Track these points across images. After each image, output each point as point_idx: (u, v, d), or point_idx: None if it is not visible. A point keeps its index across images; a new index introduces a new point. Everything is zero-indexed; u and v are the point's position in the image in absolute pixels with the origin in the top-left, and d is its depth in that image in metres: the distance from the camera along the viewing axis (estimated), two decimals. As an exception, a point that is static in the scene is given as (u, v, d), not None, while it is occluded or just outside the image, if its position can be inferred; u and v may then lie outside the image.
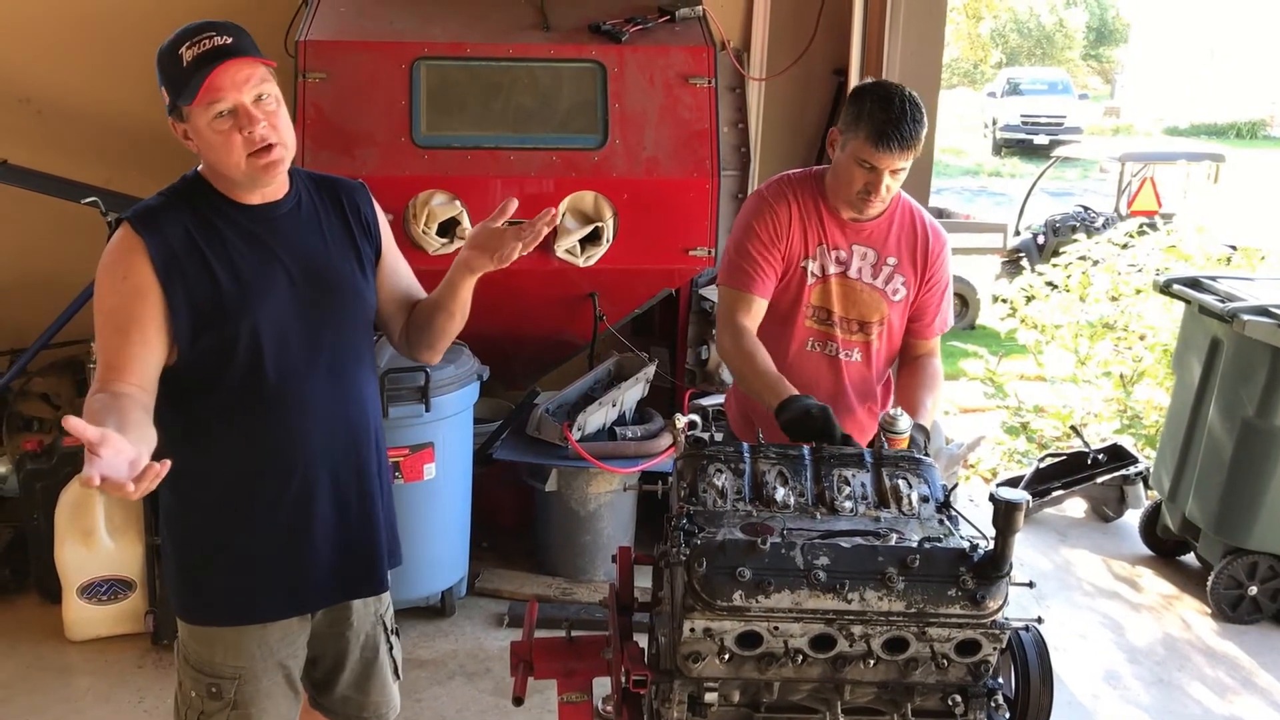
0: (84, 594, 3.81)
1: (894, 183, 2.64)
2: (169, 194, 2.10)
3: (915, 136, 2.56)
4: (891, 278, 2.78)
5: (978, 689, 1.87)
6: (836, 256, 2.76)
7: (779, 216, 2.74)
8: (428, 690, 3.64)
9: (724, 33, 4.39)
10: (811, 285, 2.77)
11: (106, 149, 4.58)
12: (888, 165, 2.58)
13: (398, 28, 3.99)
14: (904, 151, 2.56)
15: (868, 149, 2.57)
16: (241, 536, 2.14)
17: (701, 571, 1.78)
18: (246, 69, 1.99)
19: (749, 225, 2.77)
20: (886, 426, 2.41)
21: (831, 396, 2.79)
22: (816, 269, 2.76)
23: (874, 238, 2.77)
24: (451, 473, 3.91)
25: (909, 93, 2.61)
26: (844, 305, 2.79)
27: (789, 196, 2.76)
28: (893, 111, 2.56)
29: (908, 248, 2.79)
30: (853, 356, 2.84)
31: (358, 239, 2.24)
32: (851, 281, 2.77)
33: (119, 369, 1.95)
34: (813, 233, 2.75)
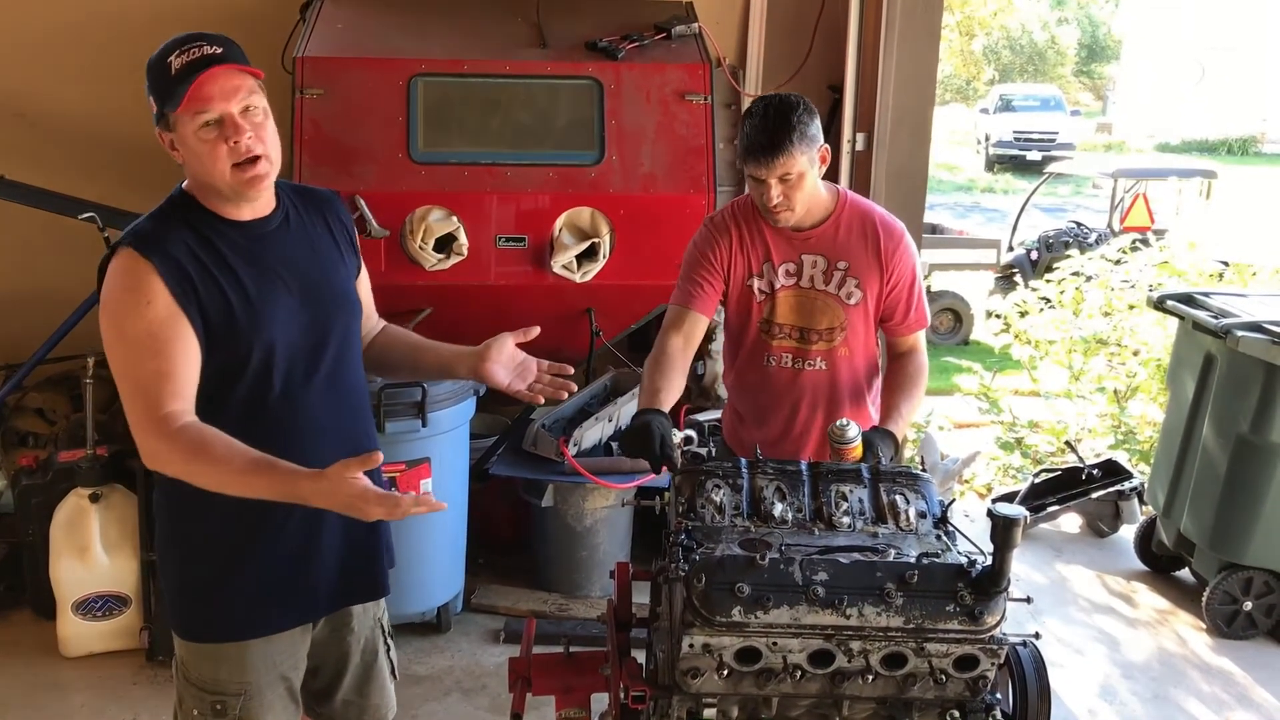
0: (79, 610, 3.79)
1: (789, 188, 2.63)
2: (161, 215, 2.08)
3: (779, 143, 2.56)
4: (844, 282, 2.78)
5: (976, 704, 1.88)
6: (785, 269, 2.79)
7: (718, 240, 2.80)
8: (423, 707, 3.63)
9: (720, 49, 4.41)
10: (761, 302, 2.81)
11: (102, 164, 4.58)
12: (764, 174, 2.60)
13: (395, 44, 4.01)
14: (772, 159, 2.57)
15: (742, 163, 2.66)
16: (251, 553, 2.13)
17: (700, 587, 1.78)
18: (235, 79, 2.00)
19: (692, 248, 2.86)
20: (835, 438, 2.43)
21: (804, 407, 2.86)
22: (764, 285, 2.80)
23: (821, 244, 2.78)
24: (448, 488, 3.90)
25: (779, 100, 2.61)
26: (799, 316, 2.81)
27: (732, 220, 2.82)
28: (754, 121, 2.60)
29: (859, 249, 2.79)
30: (816, 365, 2.85)
31: (343, 249, 2.27)
32: (805, 290, 2.79)
33: (176, 393, 1.95)
34: (756, 251, 2.79)
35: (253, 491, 1.91)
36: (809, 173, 2.63)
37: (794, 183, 2.62)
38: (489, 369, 2.24)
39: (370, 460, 1.82)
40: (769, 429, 2.90)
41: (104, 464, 3.81)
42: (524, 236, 3.93)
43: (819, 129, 2.64)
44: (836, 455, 2.50)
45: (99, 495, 3.77)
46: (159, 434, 1.93)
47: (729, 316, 2.90)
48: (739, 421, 3.00)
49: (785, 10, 4.79)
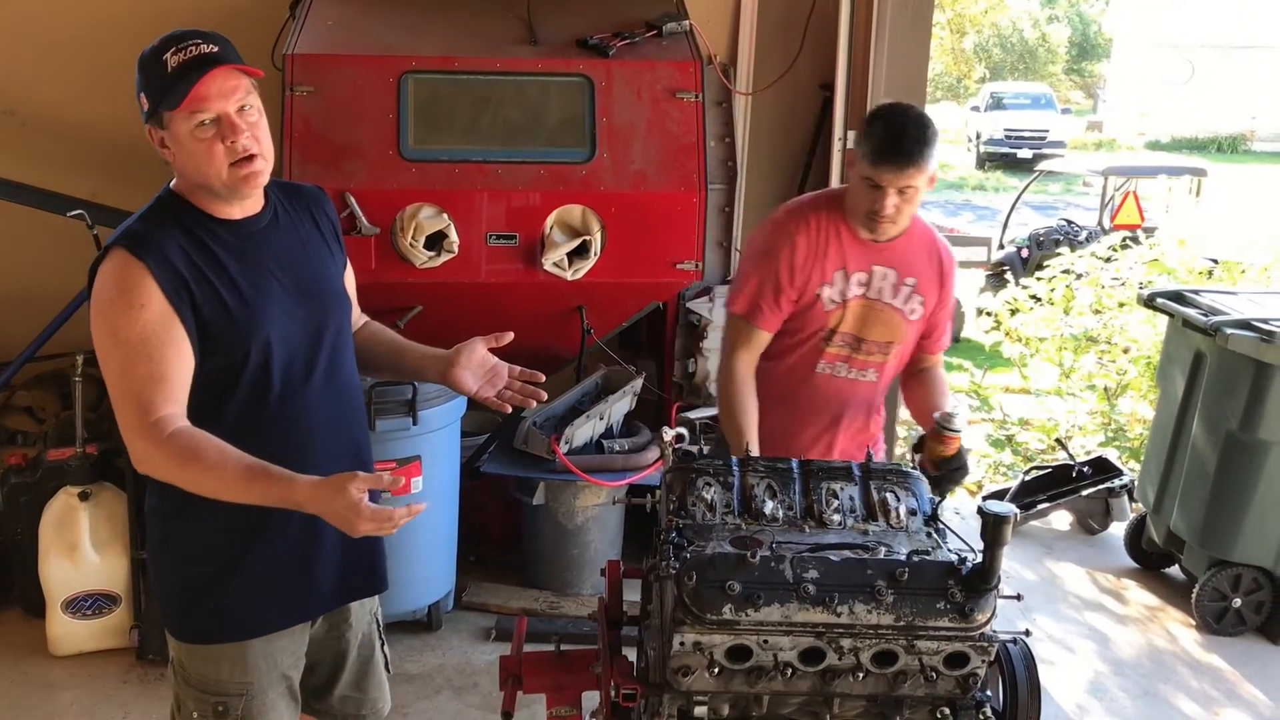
0: (68, 609, 3.78)
1: (903, 201, 2.61)
2: (152, 215, 2.06)
3: (916, 154, 2.55)
4: (910, 298, 2.78)
5: (966, 701, 1.88)
6: (858, 279, 2.75)
7: (796, 248, 2.73)
8: (415, 705, 3.63)
9: (711, 47, 4.41)
10: (831, 311, 2.76)
11: (92, 161, 4.56)
12: (891, 183, 2.57)
13: (385, 41, 3.99)
14: (904, 169, 2.55)
15: (869, 166, 2.59)
16: (253, 552, 2.12)
17: (691, 585, 1.78)
18: (233, 79, 1.99)
19: (764, 258, 2.76)
20: (944, 425, 2.54)
21: (837, 416, 2.85)
22: (835, 294, 2.75)
23: (894, 257, 2.76)
24: (439, 486, 3.90)
25: (917, 112, 2.62)
26: (864, 327, 2.78)
27: (807, 226, 2.74)
28: (893, 128, 2.57)
29: (926, 267, 2.80)
30: (867, 376, 2.84)
31: (331, 244, 2.27)
32: (872, 302, 2.77)
33: (169, 397, 1.95)
34: (831, 259, 2.73)
35: (246, 497, 1.91)
36: (923, 191, 2.63)
37: (910, 197, 2.61)
38: (457, 375, 2.24)
39: (383, 480, 1.84)
40: (801, 436, 2.87)
41: (93, 462, 3.79)
42: (515, 234, 3.92)
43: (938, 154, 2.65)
44: (937, 444, 2.62)
45: (88, 493, 3.76)
46: (151, 439, 1.92)
47: (785, 324, 2.82)
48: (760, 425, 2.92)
49: (776, 8, 4.79)
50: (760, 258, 2.77)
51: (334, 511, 1.84)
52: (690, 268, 4.05)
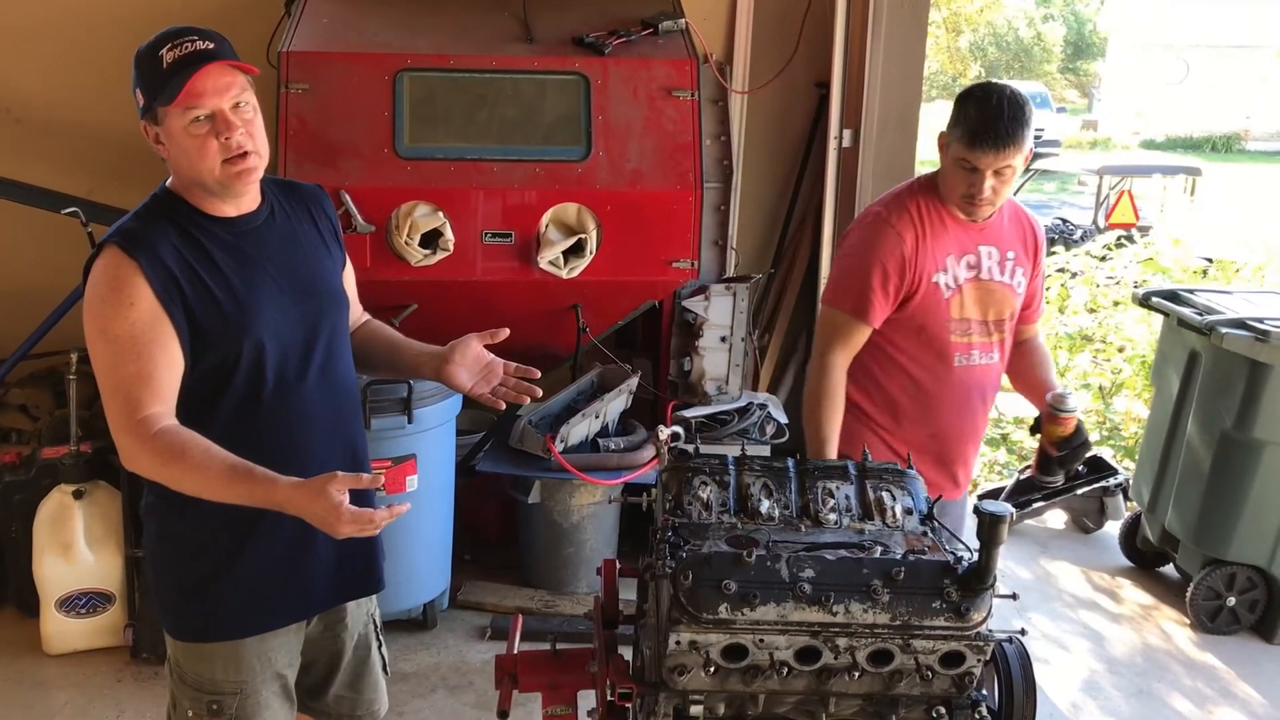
0: (62, 607, 3.77)
1: (1000, 183, 2.60)
2: (147, 213, 2.06)
3: (1013, 134, 2.52)
4: (1014, 271, 2.78)
5: (962, 701, 1.88)
6: (967, 262, 2.73)
7: (903, 241, 2.68)
8: (409, 704, 3.63)
9: (707, 46, 4.41)
10: (949, 298, 2.73)
11: (87, 159, 4.55)
12: (987, 165, 2.55)
13: (381, 39, 3.99)
14: (1001, 150, 2.53)
15: (964, 149, 2.56)
16: (247, 551, 2.12)
17: (687, 584, 1.77)
18: (228, 76, 1.99)
19: (871, 251, 2.70)
20: (1057, 406, 2.58)
21: (979, 401, 2.84)
22: (950, 280, 2.72)
23: (994, 235, 2.76)
24: (434, 485, 3.90)
25: (1011, 91, 2.58)
26: (981, 309, 2.77)
27: (912, 217, 2.70)
28: (989, 109, 2.53)
29: (1020, 239, 2.81)
30: (993, 358, 2.83)
31: (329, 243, 2.26)
32: (985, 283, 2.75)
33: (156, 395, 1.95)
34: (940, 246, 2.71)
35: (230, 497, 1.91)
36: (1019, 171, 2.61)
37: (1007, 177, 2.59)
38: (451, 371, 2.23)
39: (362, 480, 1.83)
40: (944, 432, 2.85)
41: (87, 460, 3.79)
42: (510, 232, 3.92)
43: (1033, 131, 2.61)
44: (1055, 426, 2.67)
45: (82, 492, 3.76)
46: (137, 437, 1.93)
47: (908, 318, 2.76)
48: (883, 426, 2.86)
49: (772, 6, 4.79)
50: (865, 252, 2.72)
51: (314, 514, 1.84)
52: (686, 266, 4.05)
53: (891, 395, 2.84)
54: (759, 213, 5.01)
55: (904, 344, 2.78)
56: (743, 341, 4.35)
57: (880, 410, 2.85)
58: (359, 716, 2.42)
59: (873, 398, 2.85)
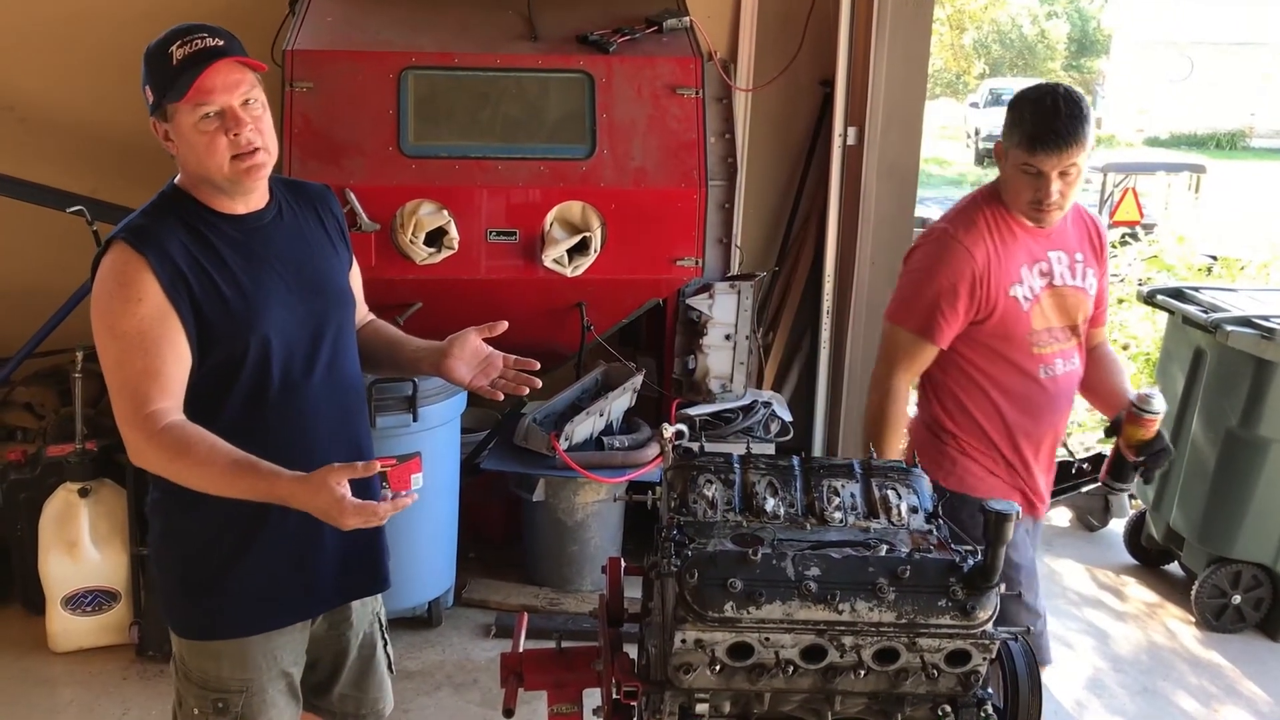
0: (68, 605, 3.78)
1: (1066, 185, 2.51)
2: (154, 210, 2.07)
3: (1073, 132, 2.44)
4: (1085, 273, 2.71)
5: (968, 699, 1.87)
6: (1039, 269, 2.65)
7: (975, 259, 2.58)
8: (414, 701, 3.63)
9: (711, 43, 4.40)
10: (1029, 310, 2.64)
11: (91, 157, 4.56)
12: (1050, 167, 2.47)
13: (385, 37, 3.99)
14: (1064, 150, 2.45)
15: (1025, 154, 2.49)
16: (253, 550, 2.12)
17: (693, 583, 1.77)
18: (237, 72, 2.00)
19: (940, 272, 2.61)
20: (1143, 407, 2.49)
21: (1064, 413, 2.76)
22: (1027, 291, 2.63)
23: (1061, 238, 2.69)
24: (439, 482, 3.90)
25: (1065, 89, 2.50)
26: (1059, 315, 2.69)
27: (982, 231, 2.61)
28: (1045, 109, 2.46)
29: (1085, 239, 2.74)
30: (1074, 364, 2.75)
31: (336, 242, 2.27)
32: (1059, 289, 2.67)
33: (163, 391, 1.95)
34: (1013, 257, 2.61)
35: (235, 492, 1.92)
36: (1084, 170, 2.52)
37: (1073, 178, 2.50)
38: (449, 365, 2.24)
39: (358, 469, 1.83)
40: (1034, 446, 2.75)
41: (93, 458, 3.79)
42: (515, 230, 3.92)
43: None
44: (1136, 428, 2.60)
45: (88, 490, 3.76)
46: (143, 432, 1.93)
47: (989, 335, 2.64)
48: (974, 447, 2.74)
49: (777, 4, 4.79)
50: (933, 270, 2.62)
51: (318, 508, 1.85)
52: (690, 264, 4.04)
53: (978, 415, 2.72)
54: (763, 210, 5.01)
55: (986, 362, 2.68)
56: (747, 339, 4.35)
57: (968, 432, 2.73)
58: (363, 715, 2.42)
59: (957, 420, 2.73)
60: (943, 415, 2.73)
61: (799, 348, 5.07)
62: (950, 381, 2.71)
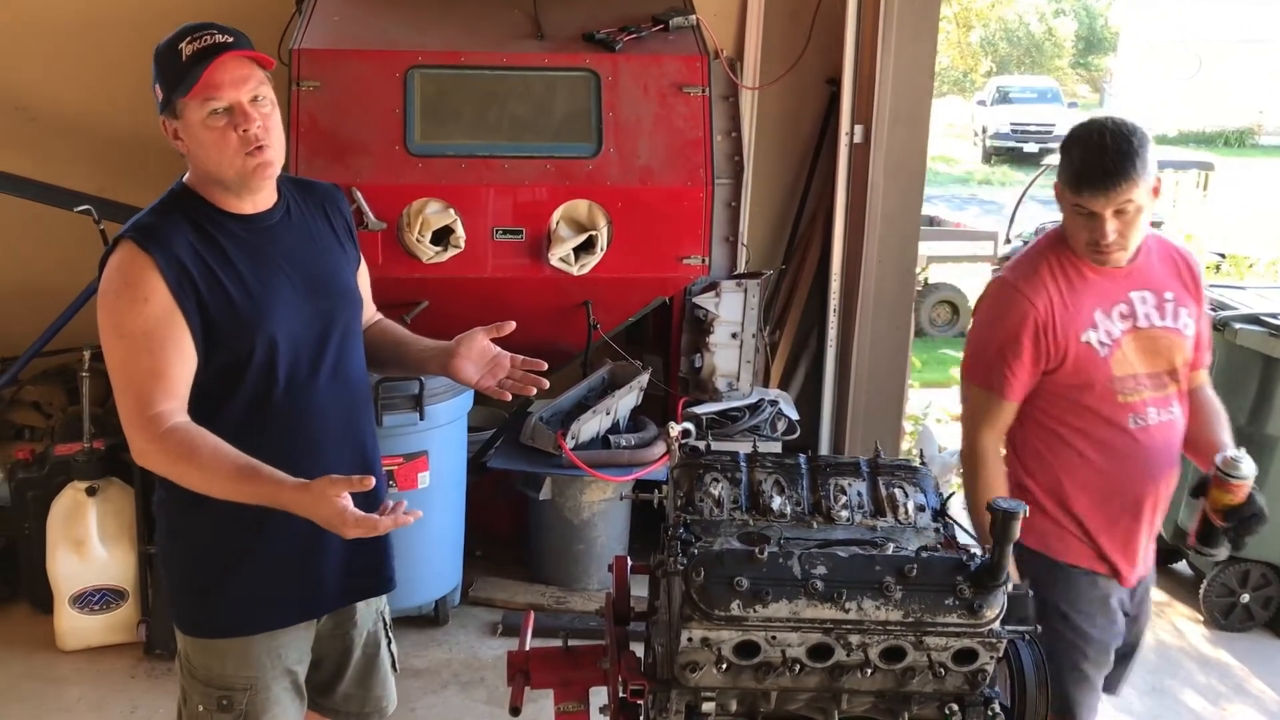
0: (76, 603, 3.79)
1: (1124, 223, 2.35)
2: (162, 209, 2.07)
3: (1119, 169, 2.30)
4: (1177, 313, 2.51)
5: (975, 698, 1.87)
6: (1119, 312, 2.47)
7: (1034, 306, 2.44)
8: (421, 700, 3.63)
9: (717, 42, 4.40)
10: (1108, 356, 2.46)
11: (99, 157, 4.57)
12: (1101, 207, 2.33)
13: (392, 36, 3.99)
14: (1112, 188, 2.30)
15: (1073, 194, 2.37)
16: (257, 549, 2.12)
17: (699, 581, 1.77)
18: (246, 68, 2.00)
19: (1001, 324, 2.49)
20: (1228, 471, 2.33)
21: (1165, 467, 2.55)
22: (1103, 336, 2.46)
23: (1145, 277, 2.50)
24: (445, 481, 3.90)
25: (1115, 123, 2.36)
26: (1148, 360, 2.49)
27: (1044, 279, 2.46)
28: (1090, 146, 2.34)
29: (1175, 276, 2.55)
30: (1173, 413, 2.55)
31: (343, 242, 2.27)
32: (1145, 331, 2.48)
33: (168, 392, 1.96)
34: (1083, 302, 2.46)
35: (237, 497, 1.92)
36: (1145, 205, 2.35)
37: (1131, 217, 2.35)
38: (457, 365, 2.23)
39: (359, 483, 1.83)
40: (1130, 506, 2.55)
41: (100, 457, 3.80)
42: (521, 229, 3.92)
43: (1154, 157, 2.35)
44: (1223, 492, 2.40)
45: (96, 489, 3.77)
46: (148, 434, 1.94)
47: (1064, 385, 2.49)
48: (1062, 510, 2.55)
49: (783, 2, 4.78)
50: (996, 323, 2.52)
51: (320, 517, 1.86)
52: (697, 263, 4.04)
53: (1060, 470, 2.54)
54: (770, 209, 5.01)
55: (1067, 414, 2.52)
56: (754, 338, 4.34)
57: (1045, 487, 2.55)
58: (367, 714, 2.42)
59: (1037, 476, 2.56)
60: (1021, 471, 2.57)
61: (806, 346, 5.06)
62: (1030, 435, 2.56)
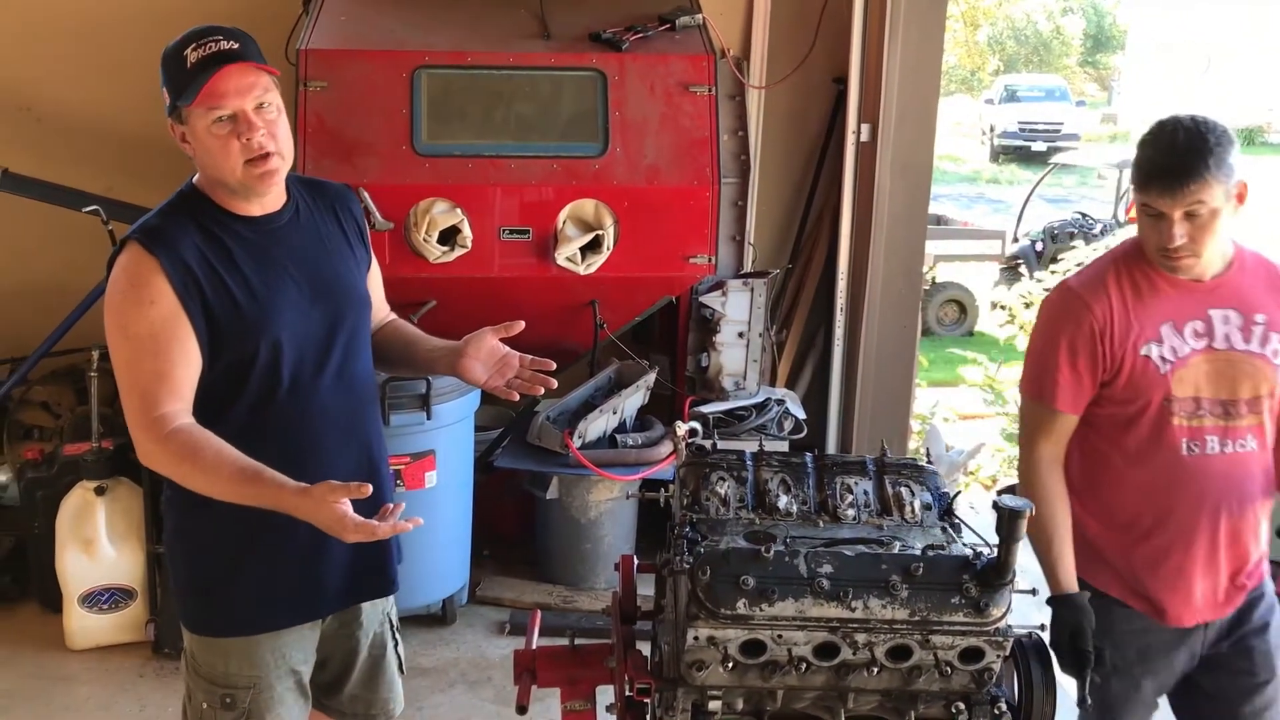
0: (85, 603, 3.80)
1: (1196, 228, 2.17)
2: (169, 210, 2.08)
3: (1189, 167, 2.13)
4: (1267, 338, 2.29)
5: (981, 696, 1.87)
6: (1192, 330, 2.28)
7: (1092, 311, 2.29)
8: (429, 699, 3.64)
9: (724, 41, 4.40)
10: (1169, 373, 2.27)
11: (107, 157, 4.58)
12: (1168, 207, 2.16)
13: (399, 36, 4.00)
14: (1180, 187, 2.13)
15: (1141, 194, 2.24)
16: (261, 549, 2.13)
17: (705, 580, 1.77)
18: (250, 76, 2.00)
19: (1055, 330, 2.35)
20: None
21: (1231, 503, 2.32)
22: (1166, 352, 2.27)
23: (1230, 295, 2.30)
24: (452, 481, 3.91)
25: (1190, 119, 2.20)
26: (1218, 385, 2.29)
27: (1108, 284, 2.31)
28: (1162, 143, 2.20)
29: (1270, 300, 2.32)
30: (1246, 445, 2.32)
31: (353, 243, 2.27)
32: (1223, 353, 2.28)
33: (173, 393, 1.97)
34: (1151, 313, 2.28)
35: (239, 499, 1.93)
36: (1223, 210, 2.17)
37: (1204, 221, 2.16)
38: (466, 365, 2.23)
39: (357, 490, 1.83)
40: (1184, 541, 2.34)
41: (109, 457, 3.81)
42: (528, 228, 3.92)
43: (1238, 159, 2.18)
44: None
45: (104, 488, 3.78)
46: (152, 435, 1.95)
47: (1119, 400, 2.32)
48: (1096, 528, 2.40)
49: (789, 1, 4.78)
50: (1049, 327, 2.38)
51: (320, 521, 1.86)
52: (703, 262, 4.04)
53: (1106, 491, 2.39)
54: (776, 208, 5.01)
55: (1116, 432, 2.35)
56: (760, 337, 4.34)
57: (1089, 508, 2.40)
58: (374, 715, 2.42)
59: (1083, 496, 2.40)
60: (1070, 489, 2.40)
61: (812, 345, 5.06)
62: (1079, 451, 2.41)
